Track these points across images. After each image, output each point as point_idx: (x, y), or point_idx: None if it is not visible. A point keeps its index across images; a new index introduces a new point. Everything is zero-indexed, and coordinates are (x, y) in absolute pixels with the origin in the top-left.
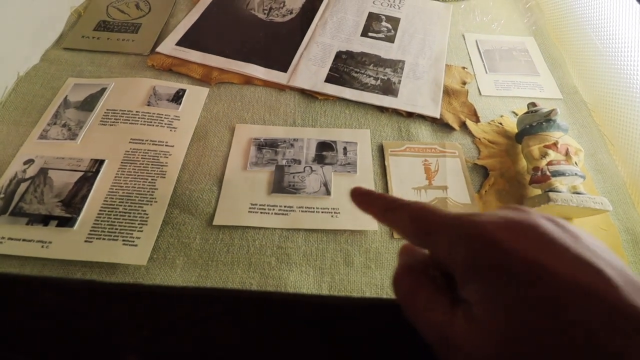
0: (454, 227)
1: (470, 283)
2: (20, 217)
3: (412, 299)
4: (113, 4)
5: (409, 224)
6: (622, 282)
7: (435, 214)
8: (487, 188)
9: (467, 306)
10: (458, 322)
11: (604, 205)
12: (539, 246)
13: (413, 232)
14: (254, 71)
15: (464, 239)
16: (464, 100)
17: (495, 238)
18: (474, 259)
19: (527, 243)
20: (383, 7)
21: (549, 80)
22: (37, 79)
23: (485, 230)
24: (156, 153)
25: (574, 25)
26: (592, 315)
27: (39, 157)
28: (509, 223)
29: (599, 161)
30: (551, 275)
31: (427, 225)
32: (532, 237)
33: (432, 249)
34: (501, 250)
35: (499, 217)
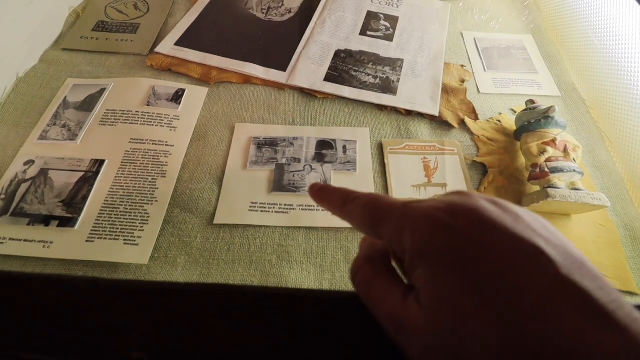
0: (400, 216)
1: (417, 268)
2: (21, 217)
3: (368, 287)
4: (111, 4)
5: (361, 214)
6: (560, 258)
7: (385, 203)
8: (486, 185)
9: (417, 293)
10: (409, 309)
11: (602, 202)
12: (480, 228)
13: (365, 223)
14: (253, 70)
15: (409, 226)
16: (462, 98)
17: (437, 222)
18: (419, 244)
19: (468, 226)
20: (381, 6)
21: (547, 78)
22: (36, 80)
23: (427, 215)
24: (156, 153)
25: (572, 23)
26: (531, 293)
27: (39, 157)
28: (450, 207)
29: (597, 158)
30: (491, 255)
31: (377, 215)
32: (473, 219)
33: (383, 238)
34: (443, 233)
35: (442, 202)
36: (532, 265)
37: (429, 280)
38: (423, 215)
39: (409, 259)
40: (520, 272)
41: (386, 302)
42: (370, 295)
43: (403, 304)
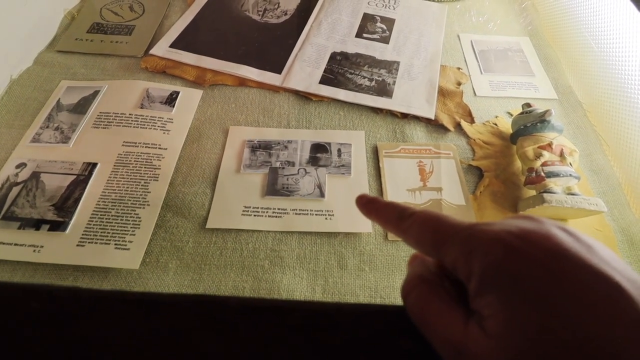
0: (467, 237)
1: (485, 295)
2: (12, 221)
3: (423, 310)
4: (107, 6)
5: (420, 232)
6: (637, 294)
7: (447, 223)
8: (482, 189)
9: (479, 319)
10: (472, 336)
11: (598, 207)
12: (557, 258)
13: (424, 242)
14: (248, 73)
15: (479, 249)
16: (458, 101)
17: (511, 248)
18: (490, 269)
19: (544, 254)
20: (378, 8)
21: (544, 81)
22: (30, 82)
23: (500, 239)
24: (149, 156)
25: (569, 26)
26: (614, 330)
27: (31, 160)
28: (523, 233)
29: (594, 162)
30: (571, 289)
31: (439, 235)
32: (547, 247)
33: (444, 259)
34: (518, 260)
35: (513, 226)
36: (613, 303)
37: (500, 308)
38: (495, 238)
39: (476, 284)
40: (603, 309)
41: (444, 326)
42: (425, 317)
43: (464, 330)
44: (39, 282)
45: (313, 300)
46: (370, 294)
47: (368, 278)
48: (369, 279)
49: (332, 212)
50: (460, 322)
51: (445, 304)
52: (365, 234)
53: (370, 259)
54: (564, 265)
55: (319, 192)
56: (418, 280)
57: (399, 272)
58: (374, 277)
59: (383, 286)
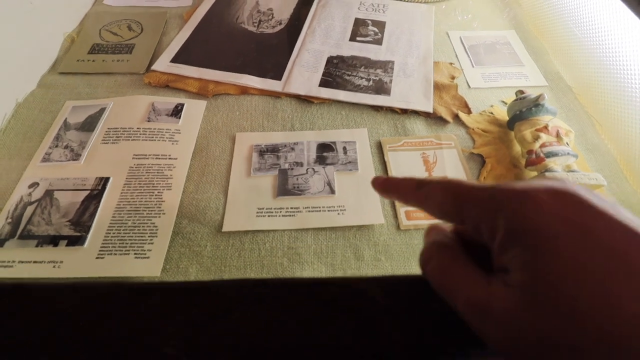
0: (493, 194)
1: (511, 249)
2: (29, 239)
3: (444, 274)
4: (105, 27)
5: (440, 197)
6: None
7: (469, 185)
8: (485, 175)
9: (504, 275)
10: (496, 294)
11: (598, 181)
12: (583, 212)
13: (445, 205)
14: (249, 81)
15: (505, 204)
16: (454, 93)
17: (539, 201)
18: (518, 223)
19: (570, 207)
20: (368, 12)
21: (533, 69)
22: (35, 104)
23: (528, 195)
24: (160, 167)
25: (552, 16)
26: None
27: (43, 179)
28: (550, 189)
29: (589, 141)
30: (597, 241)
31: (461, 196)
32: (575, 202)
33: (467, 219)
34: (545, 213)
35: (539, 184)
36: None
37: (527, 260)
38: (522, 194)
39: (502, 238)
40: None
41: (466, 288)
42: (446, 284)
43: (487, 289)
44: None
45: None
46: None
47: (385, 267)
48: (386, 268)
49: (344, 207)
50: (482, 282)
51: (465, 267)
52: (377, 226)
53: (385, 249)
54: (592, 220)
55: (329, 189)
56: (436, 247)
57: (414, 260)
58: (391, 266)
59: (400, 274)
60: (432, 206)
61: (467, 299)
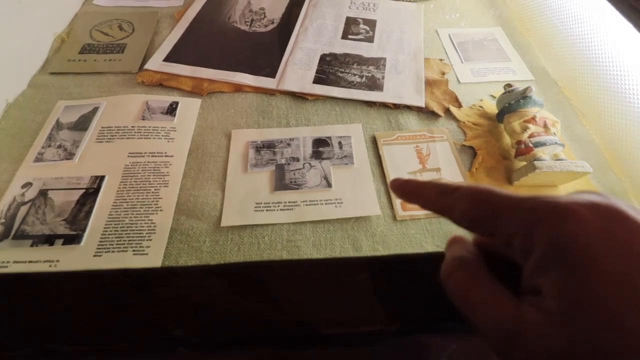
0: (531, 208)
1: (550, 270)
2: (23, 239)
3: (467, 292)
4: (96, 27)
5: (469, 206)
6: None
7: (502, 195)
8: (477, 166)
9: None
10: (527, 317)
11: (585, 168)
12: (629, 231)
13: (474, 216)
14: (243, 79)
15: (546, 221)
16: (445, 89)
17: (581, 217)
18: (557, 241)
19: (616, 227)
20: (359, 11)
21: (520, 64)
22: (26, 104)
23: (569, 209)
24: (156, 164)
25: (536, 12)
26: None
27: (36, 179)
28: (593, 205)
29: (574, 132)
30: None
31: (492, 207)
32: (619, 220)
33: (499, 233)
34: (590, 233)
35: (581, 198)
36: None
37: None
38: (564, 210)
39: (539, 258)
40: None
41: (492, 308)
42: (469, 300)
43: (516, 311)
44: None
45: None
46: None
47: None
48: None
49: (341, 200)
50: (510, 303)
51: (491, 285)
52: (374, 217)
53: (382, 239)
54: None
55: (325, 182)
56: (458, 262)
57: (410, 249)
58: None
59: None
60: (460, 215)
61: (493, 320)
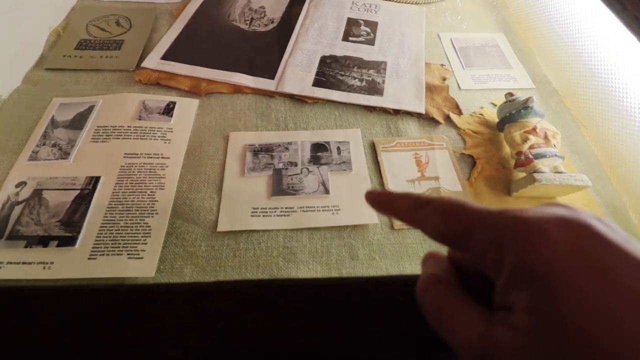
0: (500, 224)
1: (521, 288)
2: (17, 240)
3: (440, 310)
4: (92, 22)
5: (441, 221)
6: None
7: (472, 210)
8: (476, 175)
9: (506, 314)
10: (501, 336)
11: (584, 182)
12: (598, 248)
13: (446, 230)
14: (242, 80)
15: (515, 237)
16: (445, 95)
17: (552, 236)
18: (525, 259)
19: (585, 243)
20: (360, 12)
21: (521, 72)
22: (21, 101)
23: (539, 227)
24: (152, 166)
25: (539, 19)
26: None
27: (30, 178)
28: (562, 221)
29: (574, 143)
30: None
31: (463, 222)
32: (589, 236)
33: (470, 249)
34: (559, 250)
35: (549, 213)
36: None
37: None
38: (533, 226)
39: (510, 275)
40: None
41: (464, 326)
42: (443, 319)
43: (488, 329)
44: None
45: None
46: None
47: (379, 266)
48: (380, 267)
49: (338, 207)
50: (482, 321)
51: (463, 303)
52: (372, 225)
53: (379, 248)
54: (607, 257)
55: (323, 189)
56: (433, 279)
57: (407, 259)
58: (385, 265)
59: (394, 272)
60: (432, 229)
61: (465, 340)
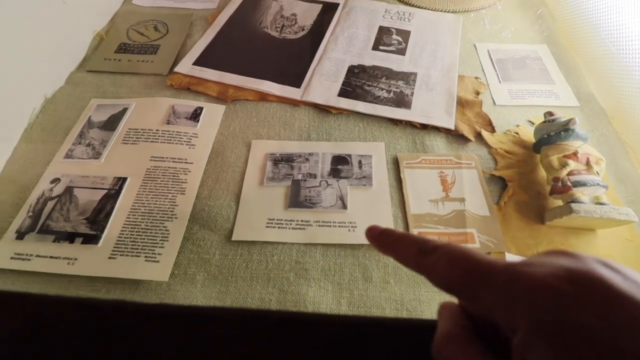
0: (508, 282)
1: (540, 349)
2: (47, 234)
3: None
4: (133, 26)
5: (447, 270)
6: None
7: (480, 262)
8: (506, 199)
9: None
10: None
11: (629, 216)
12: (611, 302)
13: (452, 281)
14: (269, 88)
15: (525, 297)
16: (478, 110)
17: (564, 295)
18: (542, 322)
19: (599, 299)
20: (393, 21)
21: (565, 88)
22: (62, 100)
23: (549, 286)
24: (176, 170)
25: (587, 31)
26: None
27: (64, 176)
28: (572, 275)
29: (620, 169)
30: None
31: (471, 275)
32: (601, 291)
33: (478, 303)
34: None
35: (556, 267)
36: None
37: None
38: (543, 285)
39: (526, 336)
40: None
41: None
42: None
43: None
44: (73, 294)
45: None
46: (396, 306)
47: (394, 291)
48: (395, 292)
49: (355, 224)
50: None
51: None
52: None
53: (395, 271)
54: (622, 311)
55: (341, 203)
56: (447, 339)
57: (424, 285)
58: (400, 290)
59: (409, 299)
60: (436, 278)
61: None
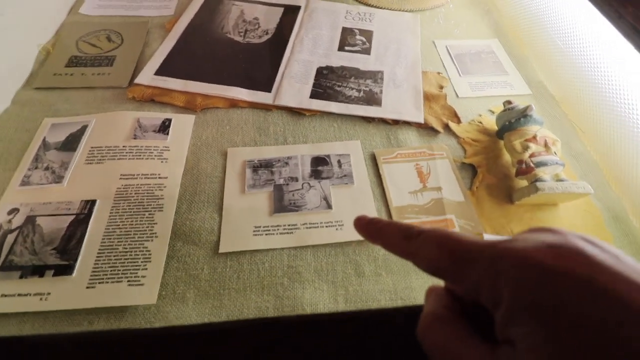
0: (492, 258)
1: (521, 323)
2: (11, 271)
3: (442, 351)
4: (83, 38)
5: (432, 253)
6: None
7: (464, 242)
8: (478, 184)
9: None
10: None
11: (586, 189)
12: (592, 273)
13: (438, 263)
14: (238, 94)
15: (509, 271)
16: (443, 103)
17: (546, 268)
18: (524, 295)
19: (580, 271)
20: (355, 21)
21: (517, 78)
22: (10, 123)
23: (532, 259)
24: (150, 187)
25: (532, 25)
26: None
27: (23, 205)
28: (554, 250)
29: (573, 148)
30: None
31: (456, 255)
32: (582, 263)
33: (463, 283)
34: (554, 282)
35: (539, 242)
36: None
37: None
38: (526, 258)
39: (508, 311)
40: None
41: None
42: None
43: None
44: (51, 331)
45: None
46: (390, 297)
47: (386, 282)
48: (387, 283)
49: (342, 222)
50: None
51: (465, 342)
52: None
53: (385, 263)
54: (602, 281)
55: (325, 204)
56: (432, 318)
57: (414, 273)
58: (392, 281)
59: (402, 288)
60: (424, 262)
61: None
